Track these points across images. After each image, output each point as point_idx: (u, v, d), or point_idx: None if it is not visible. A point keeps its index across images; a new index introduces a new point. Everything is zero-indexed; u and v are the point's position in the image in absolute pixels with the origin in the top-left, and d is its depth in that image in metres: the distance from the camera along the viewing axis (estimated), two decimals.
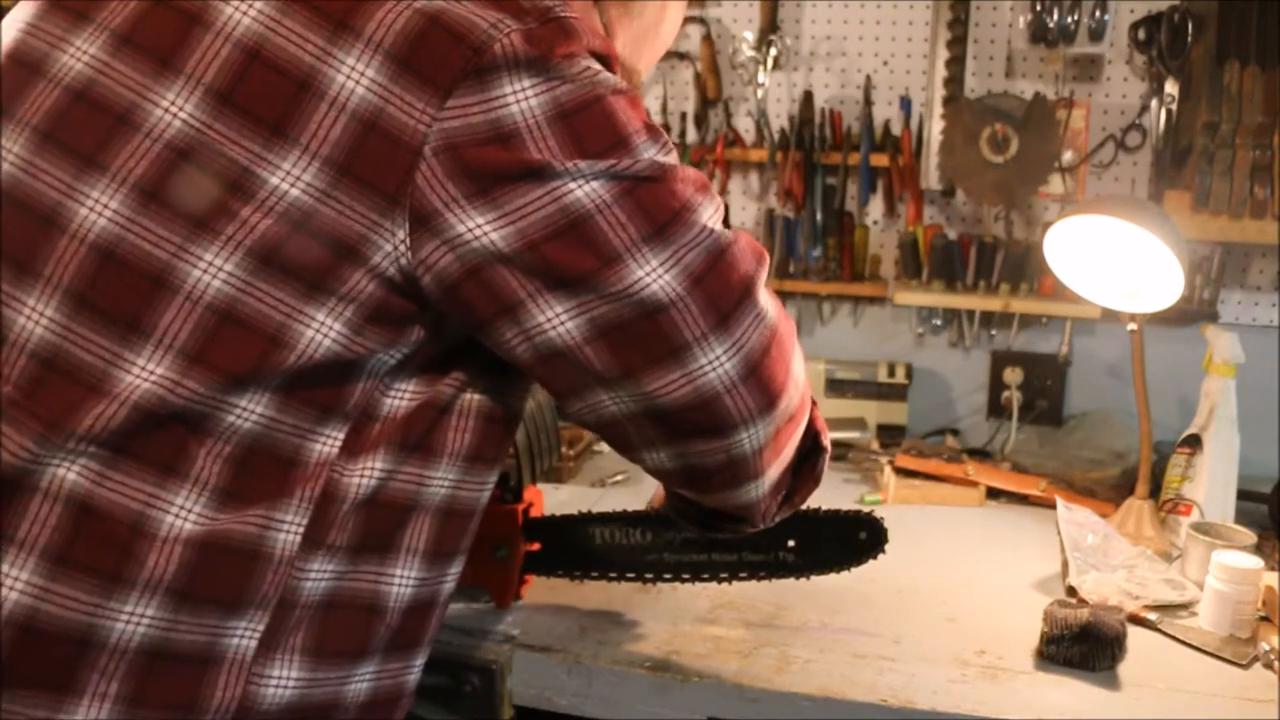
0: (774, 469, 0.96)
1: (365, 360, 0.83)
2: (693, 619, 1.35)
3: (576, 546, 1.32)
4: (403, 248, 0.81)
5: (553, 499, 1.59)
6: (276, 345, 0.80)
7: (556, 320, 0.84)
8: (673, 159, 0.88)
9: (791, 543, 1.27)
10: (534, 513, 1.35)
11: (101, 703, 0.79)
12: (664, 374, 0.86)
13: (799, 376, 0.95)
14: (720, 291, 0.86)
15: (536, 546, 1.34)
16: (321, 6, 0.81)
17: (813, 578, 1.30)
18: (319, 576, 0.86)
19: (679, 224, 0.85)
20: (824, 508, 1.27)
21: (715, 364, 0.86)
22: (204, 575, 0.81)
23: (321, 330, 0.81)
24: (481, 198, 0.81)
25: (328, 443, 0.84)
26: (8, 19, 0.91)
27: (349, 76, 0.79)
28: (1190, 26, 1.88)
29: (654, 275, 0.84)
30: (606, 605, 1.38)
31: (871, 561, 1.29)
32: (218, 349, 0.79)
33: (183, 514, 0.80)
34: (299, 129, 0.79)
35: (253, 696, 0.84)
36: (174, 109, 0.81)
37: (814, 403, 1.03)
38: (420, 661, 0.96)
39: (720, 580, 1.30)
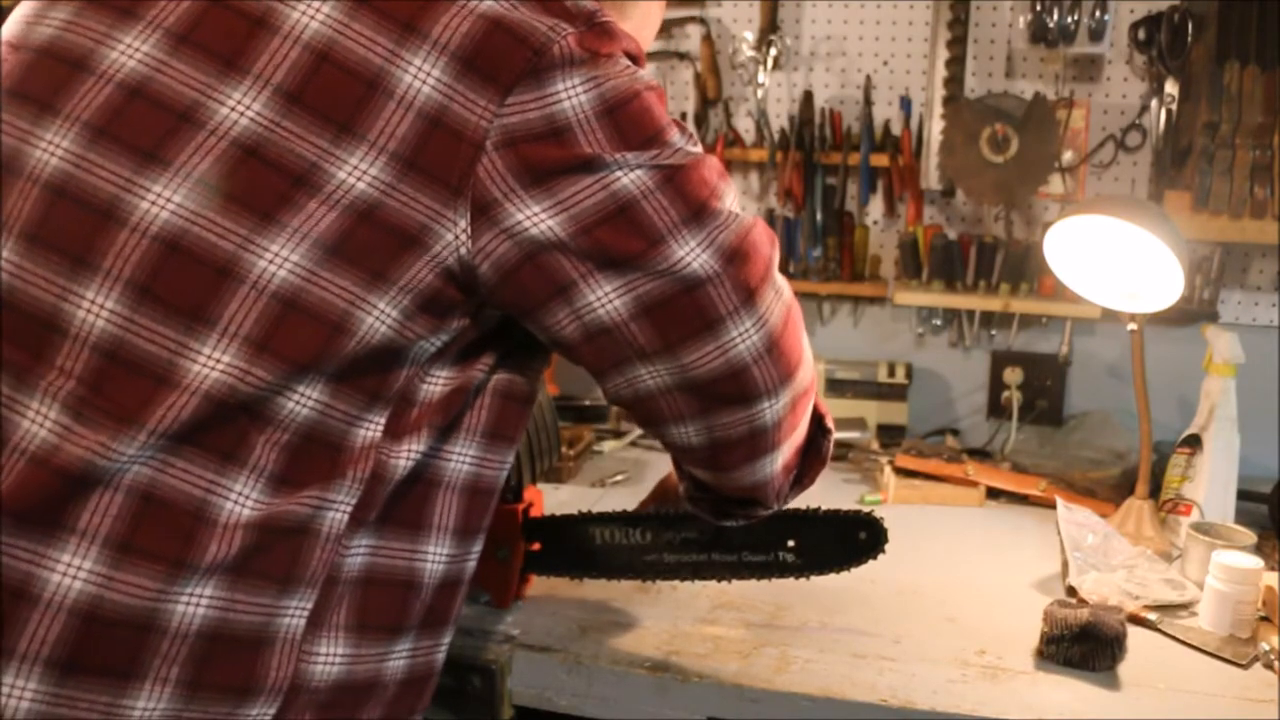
0: (788, 445, 1.02)
1: (411, 347, 0.86)
2: (693, 619, 1.35)
3: (576, 546, 1.32)
4: (464, 236, 0.85)
5: (553, 499, 1.60)
6: (339, 332, 0.83)
7: (606, 298, 0.89)
8: (699, 149, 0.93)
9: (791, 543, 1.27)
10: (534, 513, 1.35)
11: (163, 687, 0.80)
12: (700, 346, 0.91)
13: (808, 353, 1.02)
14: (748, 269, 0.92)
15: (537, 547, 1.34)
16: (387, 9, 0.84)
17: (813, 578, 1.30)
18: (358, 552, 0.89)
19: (710, 208, 0.91)
20: (824, 508, 1.27)
21: (745, 336, 0.92)
22: (260, 556, 0.83)
23: (380, 318, 0.84)
24: (538, 188, 0.85)
25: (371, 428, 0.86)
26: (29, 14, 0.91)
27: (416, 76, 0.83)
28: (1190, 26, 1.88)
29: (694, 254, 0.89)
30: (606, 605, 1.38)
31: (871, 561, 1.29)
32: (283, 336, 0.82)
33: (241, 499, 0.82)
34: (367, 126, 0.83)
35: (303, 675, 0.86)
36: (240, 107, 0.83)
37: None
38: (448, 640, 0.99)
39: (720, 580, 1.30)
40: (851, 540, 1.28)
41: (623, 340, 0.91)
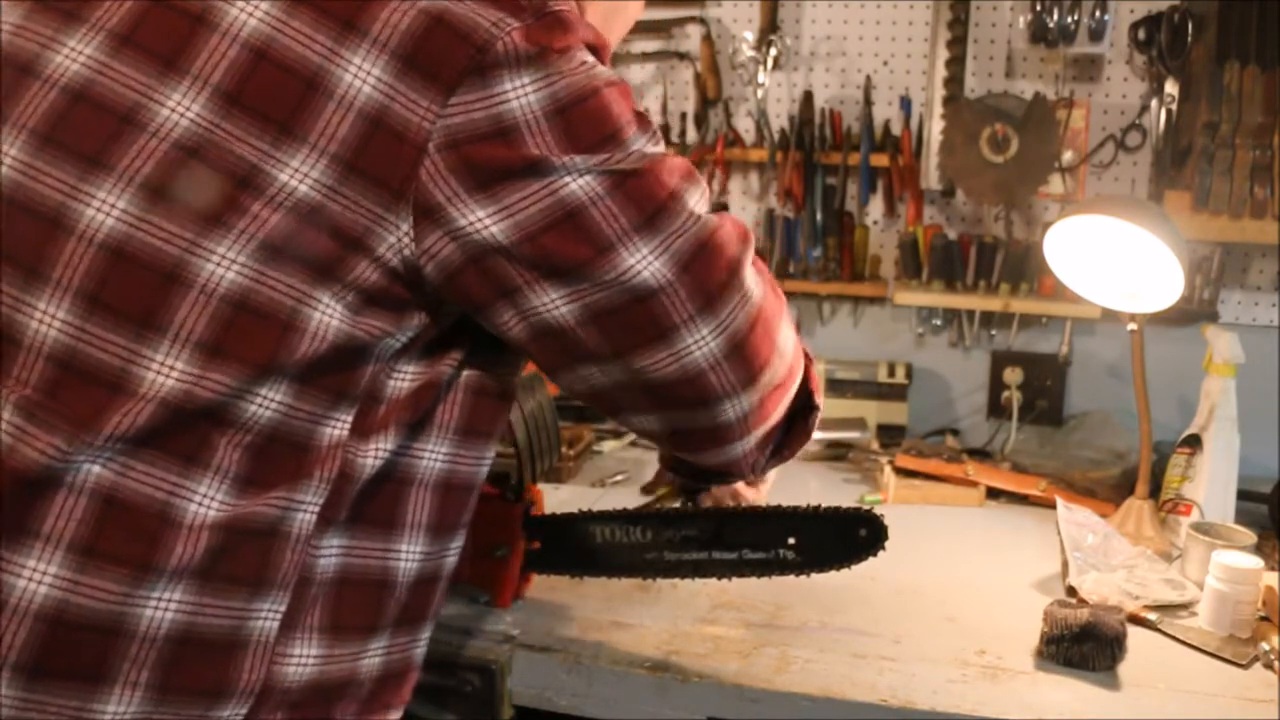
0: (759, 432, 1.01)
1: (374, 344, 0.85)
2: (693, 619, 1.35)
3: (577, 545, 1.32)
4: (406, 239, 0.83)
5: (553, 499, 1.59)
6: (290, 330, 0.82)
7: (552, 305, 0.88)
8: (660, 148, 0.90)
9: (792, 540, 1.27)
10: (534, 512, 1.35)
11: (133, 691, 0.80)
12: (652, 353, 0.90)
13: (785, 348, 1.00)
14: (707, 275, 0.90)
15: (537, 545, 1.34)
16: (327, 7, 0.83)
17: (813, 576, 1.30)
18: (330, 552, 0.88)
19: (667, 213, 0.88)
20: (824, 505, 1.27)
21: (701, 343, 0.91)
22: (227, 558, 0.82)
23: (327, 313, 0.83)
24: (482, 192, 0.83)
25: (337, 426, 0.86)
26: None
27: (356, 75, 0.82)
28: (1190, 26, 1.88)
29: (645, 262, 0.87)
30: (606, 605, 1.38)
31: (871, 559, 1.29)
32: (235, 339, 0.81)
33: (206, 501, 0.81)
34: (307, 127, 0.81)
35: (276, 676, 0.85)
36: (180, 109, 0.82)
37: (809, 360, 1.09)
38: (426, 635, 0.98)
39: (721, 578, 1.30)
40: (852, 537, 1.28)
41: (571, 343, 0.90)
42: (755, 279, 0.96)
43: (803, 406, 1.08)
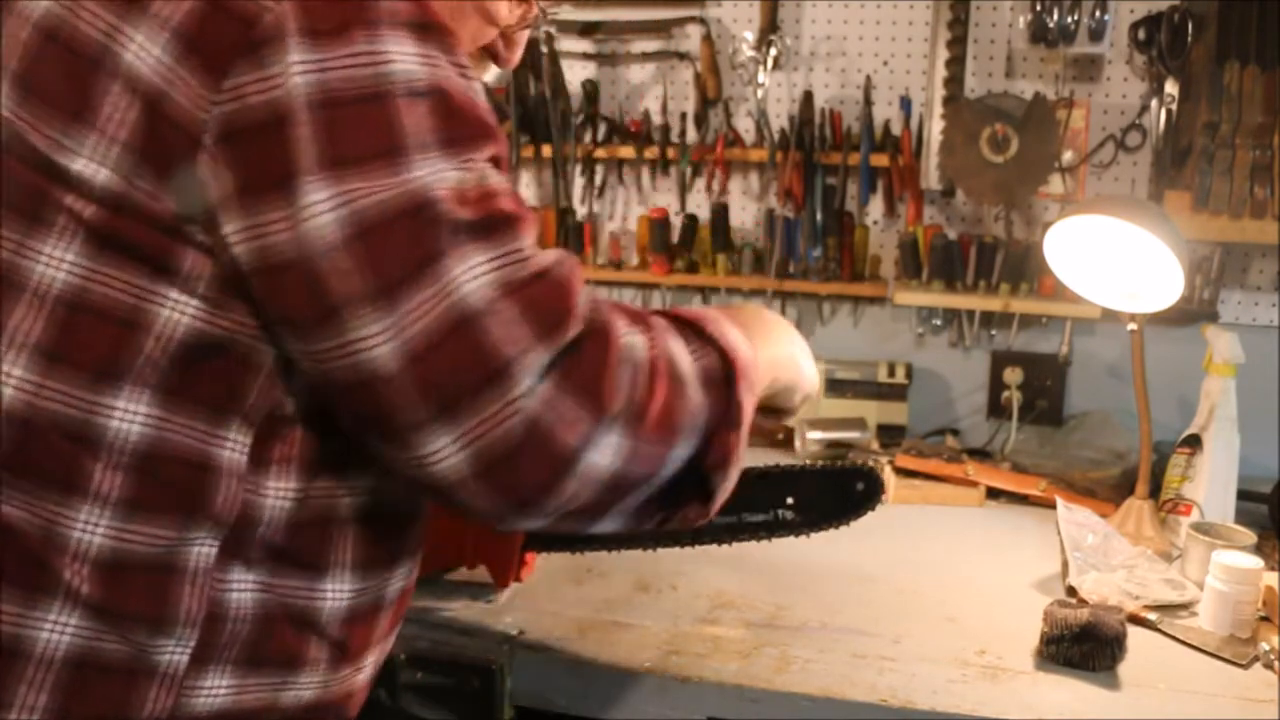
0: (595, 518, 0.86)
1: (241, 342, 0.78)
2: (693, 619, 1.35)
3: None
4: (207, 233, 0.77)
5: None
6: (132, 328, 0.77)
7: (306, 355, 0.78)
8: (461, 173, 0.77)
9: (790, 500, 1.27)
10: None
11: (30, 714, 0.78)
12: (381, 446, 0.80)
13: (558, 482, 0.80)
14: (450, 369, 0.75)
15: None
16: None
17: (812, 536, 1.29)
18: (243, 588, 0.84)
19: (412, 281, 0.74)
20: (820, 462, 1.27)
21: (441, 455, 0.77)
22: (120, 591, 0.79)
23: (177, 308, 0.77)
24: (240, 199, 0.74)
25: (230, 448, 0.80)
26: None
27: (136, 55, 0.75)
28: (1190, 26, 1.88)
29: (380, 339, 0.75)
30: (606, 605, 1.38)
31: (870, 514, 1.28)
32: (74, 342, 0.77)
33: (89, 529, 0.78)
34: (94, 112, 0.75)
35: (183, 706, 0.82)
36: None
37: (716, 432, 0.88)
38: (372, 659, 0.94)
39: (721, 543, 1.30)
40: (849, 492, 1.28)
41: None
42: (542, 365, 0.78)
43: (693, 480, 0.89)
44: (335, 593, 0.88)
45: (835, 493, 1.28)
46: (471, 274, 0.76)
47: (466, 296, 0.75)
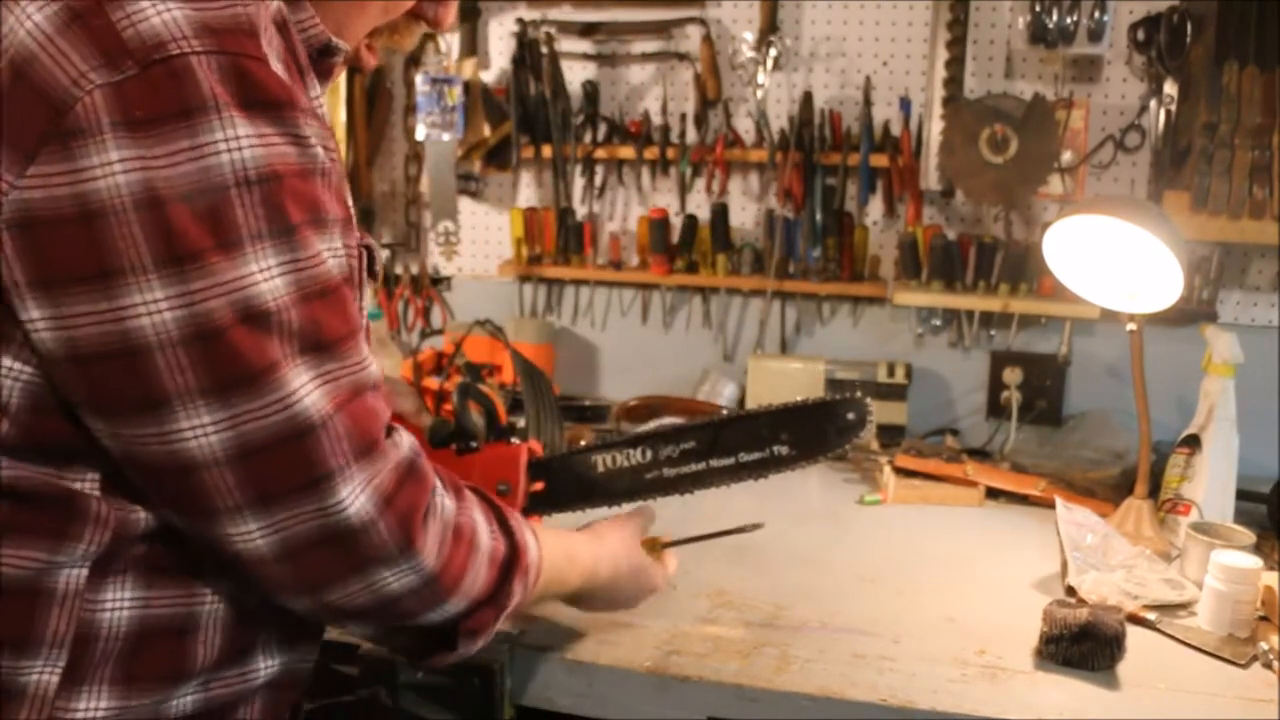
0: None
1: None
2: (693, 619, 1.36)
3: (579, 477, 1.34)
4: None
5: None
6: None
7: (113, 437, 0.78)
8: (296, 274, 0.76)
9: (785, 435, 1.29)
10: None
11: None
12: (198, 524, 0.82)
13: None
14: (276, 467, 0.78)
15: (540, 486, 1.35)
16: None
17: (808, 466, 1.31)
18: (116, 607, 0.83)
19: (250, 385, 0.76)
20: (810, 398, 1.30)
21: (248, 537, 0.81)
22: None
23: (9, 374, 0.76)
24: (42, 291, 0.72)
25: (85, 484, 0.80)
26: None
27: None
28: (1189, 27, 1.88)
29: (208, 431, 0.76)
30: None
31: (860, 436, 1.30)
32: None
33: None
34: None
35: None
36: None
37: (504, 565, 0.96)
38: (266, 663, 0.93)
39: (719, 485, 1.32)
40: (841, 421, 1.30)
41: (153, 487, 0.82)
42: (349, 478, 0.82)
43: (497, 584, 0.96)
44: (213, 598, 0.88)
45: (826, 423, 1.30)
46: (308, 388, 0.78)
47: (307, 409, 0.78)
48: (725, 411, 1.34)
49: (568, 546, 1.13)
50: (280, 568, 0.83)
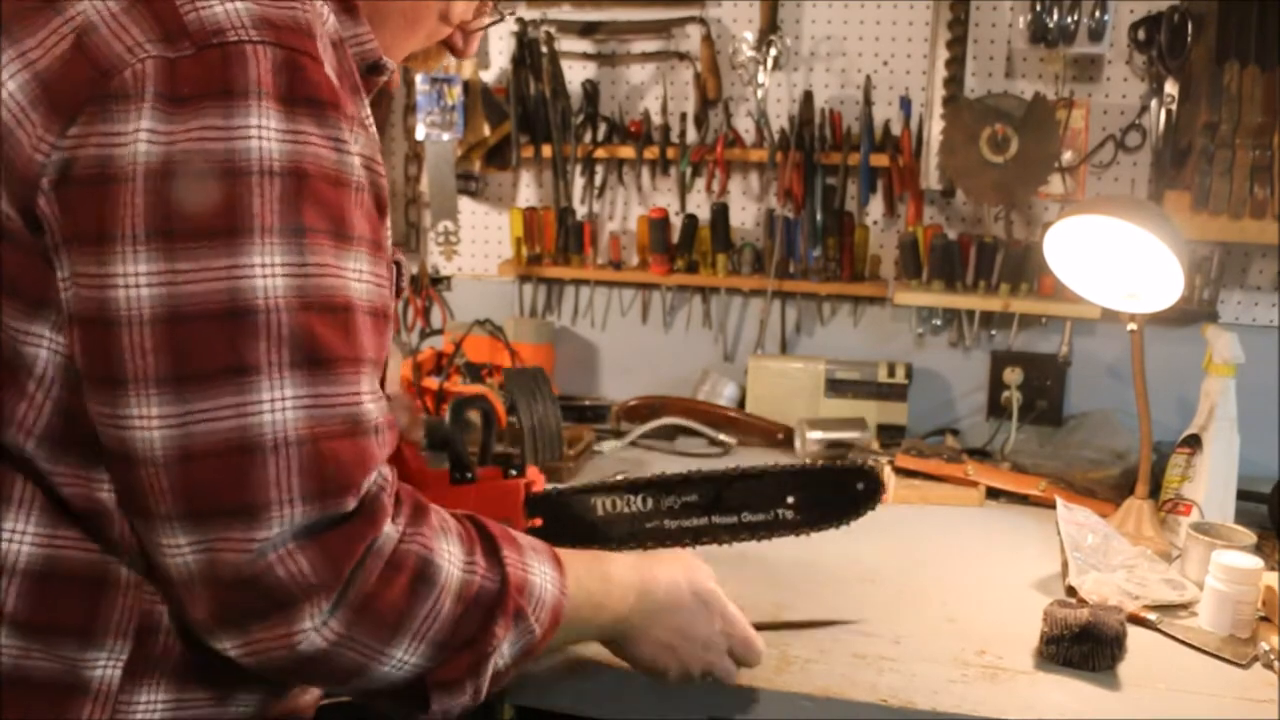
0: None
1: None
2: None
3: (578, 518, 1.32)
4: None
5: None
6: (13, 369, 0.77)
7: (93, 414, 0.77)
8: (293, 279, 0.73)
9: (791, 499, 1.27)
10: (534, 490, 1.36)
11: None
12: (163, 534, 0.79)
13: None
14: (208, 484, 0.74)
15: (538, 522, 1.34)
16: None
17: (812, 535, 1.30)
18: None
19: (210, 383, 0.72)
20: (820, 462, 1.28)
21: (177, 552, 0.78)
22: (48, 605, 0.78)
23: (50, 346, 0.77)
24: (65, 249, 0.73)
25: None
26: None
27: None
28: (1190, 26, 1.88)
29: (156, 424, 0.72)
30: None
31: (870, 513, 1.29)
32: None
33: (16, 537, 0.78)
34: None
35: None
36: None
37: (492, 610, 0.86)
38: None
39: (721, 543, 1.30)
40: (849, 492, 1.28)
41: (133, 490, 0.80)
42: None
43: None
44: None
45: (835, 492, 1.29)
46: (276, 405, 0.73)
47: (261, 425, 0.73)
48: (732, 467, 1.30)
49: (602, 567, 0.99)
50: (204, 595, 0.76)
